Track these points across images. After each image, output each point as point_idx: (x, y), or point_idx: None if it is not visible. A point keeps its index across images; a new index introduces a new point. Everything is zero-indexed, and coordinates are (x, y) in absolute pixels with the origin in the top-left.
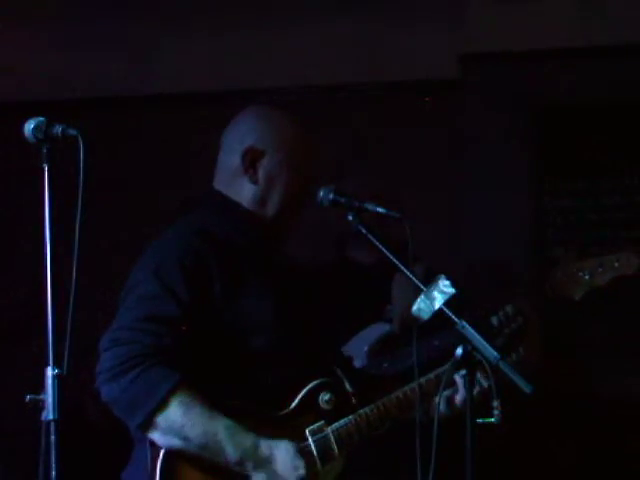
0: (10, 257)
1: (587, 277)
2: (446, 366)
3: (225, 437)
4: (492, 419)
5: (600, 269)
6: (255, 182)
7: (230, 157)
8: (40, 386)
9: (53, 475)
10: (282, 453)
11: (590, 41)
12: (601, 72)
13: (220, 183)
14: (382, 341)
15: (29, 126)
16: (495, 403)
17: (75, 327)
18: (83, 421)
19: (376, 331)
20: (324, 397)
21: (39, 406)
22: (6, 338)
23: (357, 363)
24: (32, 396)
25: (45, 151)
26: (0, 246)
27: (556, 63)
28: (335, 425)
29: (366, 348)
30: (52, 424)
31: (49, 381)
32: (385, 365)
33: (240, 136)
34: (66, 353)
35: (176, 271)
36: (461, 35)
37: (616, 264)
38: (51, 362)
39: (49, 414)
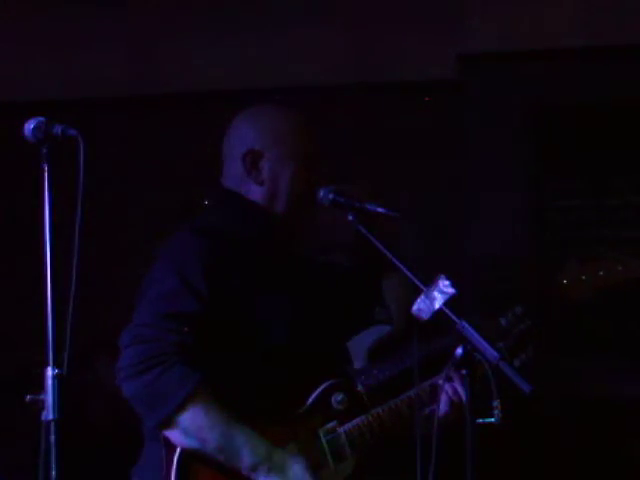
0: (10, 257)
1: (590, 281)
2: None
3: (241, 442)
4: (492, 419)
5: (601, 272)
6: (261, 183)
7: (233, 165)
8: (40, 386)
9: (53, 475)
10: (294, 465)
11: (590, 41)
12: (601, 72)
13: (231, 187)
14: (381, 343)
15: (29, 126)
16: (495, 403)
17: (75, 327)
18: (84, 421)
19: (375, 333)
20: (337, 397)
21: (39, 406)
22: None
23: (356, 365)
24: (32, 396)
25: (45, 151)
26: (0, 246)
27: (556, 63)
28: (347, 425)
29: (365, 350)
30: (52, 424)
31: (49, 381)
32: (375, 372)
33: (237, 142)
34: (66, 353)
35: (196, 268)
36: (461, 35)
37: (619, 267)
38: (51, 362)
39: (49, 414)
